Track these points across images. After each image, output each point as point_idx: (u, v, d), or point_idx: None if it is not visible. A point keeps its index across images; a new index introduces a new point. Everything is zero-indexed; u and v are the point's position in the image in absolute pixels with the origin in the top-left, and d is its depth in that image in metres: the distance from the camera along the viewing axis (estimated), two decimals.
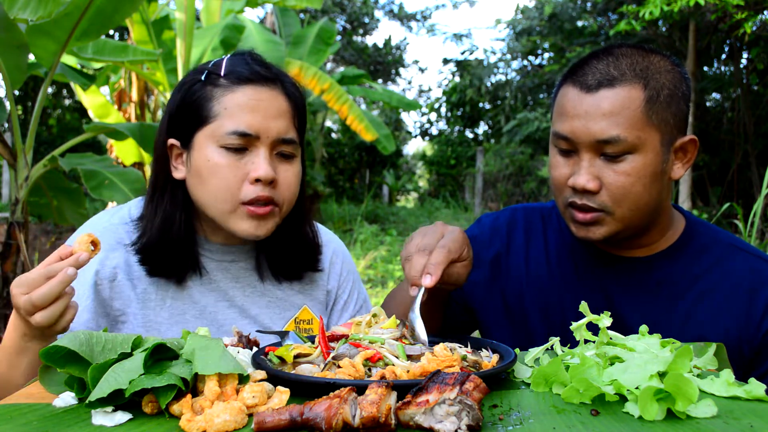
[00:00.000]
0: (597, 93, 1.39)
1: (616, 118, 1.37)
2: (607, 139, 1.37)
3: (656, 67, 1.41)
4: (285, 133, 1.46)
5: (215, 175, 1.43)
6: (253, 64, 1.49)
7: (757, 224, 4.08)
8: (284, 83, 1.50)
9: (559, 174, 1.46)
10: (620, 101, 1.37)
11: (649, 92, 1.38)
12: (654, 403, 0.89)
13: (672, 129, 1.42)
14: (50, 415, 0.93)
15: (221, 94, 1.44)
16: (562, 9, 15.83)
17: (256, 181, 1.42)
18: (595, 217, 1.42)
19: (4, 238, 4.64)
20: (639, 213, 1.43)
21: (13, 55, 4.08)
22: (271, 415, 0.84)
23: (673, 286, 1.50)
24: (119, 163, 8.08)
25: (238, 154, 1.43)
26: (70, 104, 17.91)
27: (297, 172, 1.51)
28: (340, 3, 23.77)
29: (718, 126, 13.74)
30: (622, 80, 1.38)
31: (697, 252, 1.52)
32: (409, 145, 29.18)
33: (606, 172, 1.40)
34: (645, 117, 1.37)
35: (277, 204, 1.46)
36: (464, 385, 0.87)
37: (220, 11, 8.39)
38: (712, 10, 9.60)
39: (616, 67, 1.40)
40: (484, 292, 1.68)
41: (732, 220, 6.98)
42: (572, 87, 1.43)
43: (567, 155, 1.45)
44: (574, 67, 1.46)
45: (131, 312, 1.52)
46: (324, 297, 1.70)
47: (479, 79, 19.63)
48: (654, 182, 1.41)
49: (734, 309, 1.46)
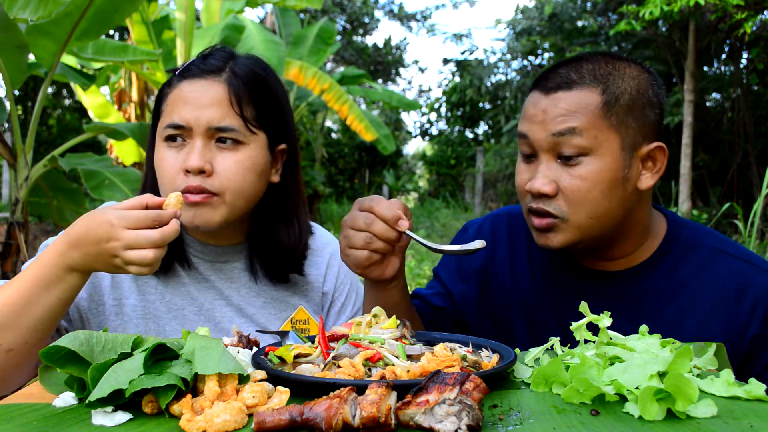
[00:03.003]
0: (555, 94, 1.40)
1: (571, 115, 1.37)
2: (561, 130, 1.37)
3: (620, 73, 1.41)
4: (218, 121, 1.46)
5: (160, 168, 1.49)
6: (201, 59, 1.53)
7: (757, 224, 4.08)
8: (230, 72, 1.49)
9: (520, 179, 1.47)
10: (576, 102, 1.38)
11: (606, 96, 1.38)
12: (654, 403, 0.89)
13: (635, 134, 1.40)
14: (50, 415, 0.93)
15: (169, 92, 1.51)
16: (562, 9, 15.83)
17: (188, 171, 1.44)
18: (550, 224, 1.41)
19: (4, 238, 4.64)
20: (598, 222, 1.40)
21: (13, 55, 4.08)
22: (271, 415, 0.84)
23: (656, 296, 1.48)
24: (119, 163, 8.09)
25: (178, 146, 1.47)
26: (70, 104, 17.91)
27: (241, 160, 1.48)
28: (340, 3, 23.77)
29: (718, 126, 13.73)
30: (580, 83, 1.39)
31: (678, 260, 1.50)
32: (409, 145, 29.20)
33: (563, 176, 1.39)
34: (602, 118, 1.37)
35: (214, 193, 1.45)
36: (464, 385, 0.87)
37: (220, 11, 8.40)
38: (712, 10, 9.60)
39: (576, 71, 1.41)
40: (475, 305, 1.67)
41: (732, 220, 6.98)
42: (534, 91, 1.46)
43: (528, 161, 1.46)
44: (540, 75, 1.48)
45: (129, 303, 1.53)
46: (320, 299, 1.70)
47: (479, 79, 19.62)
48: (613, 189, 1.39)
49: (720, 315, 1.44)
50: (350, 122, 10.78)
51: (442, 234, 12.43)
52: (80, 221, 1.27)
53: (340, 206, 15.58)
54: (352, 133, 18.07)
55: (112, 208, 1.25)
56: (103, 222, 1.23)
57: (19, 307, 1.26)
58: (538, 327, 1.58)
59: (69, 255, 1.25)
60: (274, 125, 1.54)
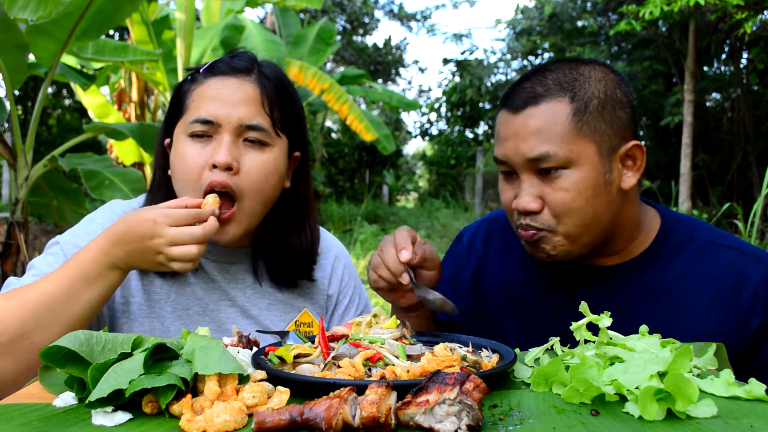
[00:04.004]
0: (523, 112, 1.40)
1: (544, 134, 1.37)
2: (536, 156, 1.37)
3: (585, 77, 1.41)
4: (249, 119, 1.46)
5: (182, 162, 1.47)
6: (229, 58, 1.53)
7: (757, 224, 4.08)
8: (259, 74, 1.51)
9: (506, 198, 1.48)
10: (545, 117, 1.37)
11: (576, 104, 1.37)
12: (654, 403, 0.89)
13: (610, 138, 1.40)
14: (50, 415, 0.93)
15: (194, 88, 1.50)
16: (562, 9, 15.83)
17: (214, 167, 1.43)
18: (536, 236, 1.42)
19: (4, 238, 4.64)
20: (587, 229, 1.41)
21: (13, 55, 4.08)
22: (271, 415, 0.84)
23: (652, 290, 1.48)
24: (119, 163, 8.09)
25: (203, 141, 1.46)
26: (70, 104, 17.92)
27: (267, 161, 1.48)
28: (340, 3, 23.77)
29: (718, 126, 13.74)
30: (546, 96, 1.39)
31: (672, 254, 1.50)
32: (409, 145, 29.22)
33: (546, 191, 1.39)
34: (574, 130, 1.37)
35: (234, 194, 1.45)
36: (464, 385, 0.87)
37: (220, 11, 8.40)
38: (712, 10, 9.60)
39: (541, 84, 1.41)
40: (468, 313, 1.67)
41: (732, 220, 6.98)
42: (503, 110, 1.45)
43: (510, 179, 1.47)
44: (507, 90, 1.48)
45: (135, 302, 1.53)
46: (324, 301, 1.70)
47: (479, 79, 19.63)
48: (597, 195, 1.39)
49: (718, 308, 1.44)
50: (350, 122, 10.78)
51: (442, 234, 12.42)
52: (122, 220, 1.32)
53: (340, 206, 15.55)
54: (352, 133, 18.08)
55: (153, 208, 1.31)
56: (147, 220, 1.28)
57: (59, 302, 1.29)
58: (533, 325, 1.58)
59: (113, 252, 1.30)
60: (294, 131, 1.56)
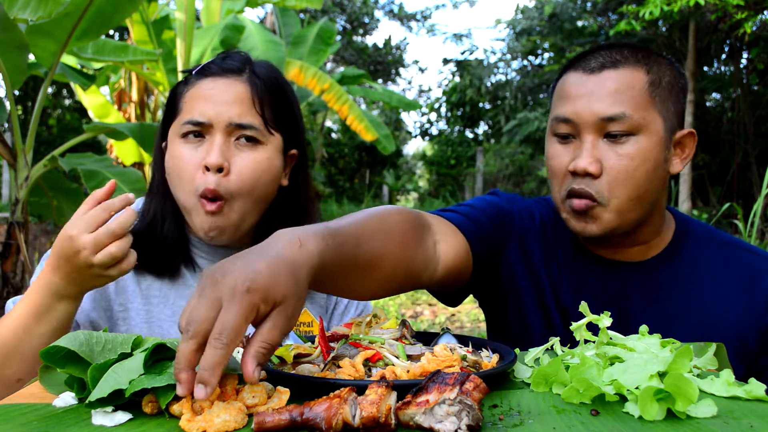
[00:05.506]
0: (601, 73, 1.39)
1: (621, 95, 1.37)
2: (611, 116, 1.36)
3: (657, 58, 1.44)
4: (240, 118, 1.45)
5: (177, 165, 1.46)
6: (221, 59, 1.53)
7: (757, 224, 4.08)
8: (251, 73, 1.50)
9: (558, 162, 1.43)
10: (625, 80, 1.38)
11: (651, 76, 1.39)
12: (654, 403, 0.89)
13: (673, 117, 1.42)
14: (50, 415, 0.93)
15: (187, 90, 1.50)
16: (562, 9, 15.83)
17: (207, 168, 1.43)
18: (589, 205, 1.38)
19: (4, 238, 4.64)
20: (637, 203, 1.39)
21: (13, 55, 4.08)
22: (271, 415, 0.84)
23: (677, 287, 1.49)
24: (119, 163, 8.08)
25: (196, 142, 1.46)
26: (70, 104, 17.90)
27: (259, 159, 1.47)
28: (340, 3, 23.76)
29: (718, 126, 13.74)
30: (625, 63, 1.40)
31: (695, 251, 1.51)
32: (409, 145, 29.17)
33: (608, 155, 1.37)
34: (649, 98, 1.38)
35: (223, 197, 1.43)
36: (464, 385, 0.87)
37: (220, 11, 8.39)
38: (712, 10, 9.60)
39: (619, 53, 1.42)
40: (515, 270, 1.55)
41: (732, 220, 6.98)
42: (574, 72, 1.43)
43: (566, 142, 1.43)
44: (575, 58, 1.47)
45: (134, 307, 1.52)
46: (324, 301, 1.70)
47: (479, 79, 19.63)
48: (655, 169, 1.39)
49: (738, 303, 1.45)
50: (350, 122, 10.77)
51: None
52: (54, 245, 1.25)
53: (340, 206, 15.56)
54: (352, 133, 18.06)
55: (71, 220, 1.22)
56: (65, 238, 1.20)
57: (19, 339, 1.25)
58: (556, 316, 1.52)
59: (54, 282, 1.24)
60: (288, 129, 1.56)
